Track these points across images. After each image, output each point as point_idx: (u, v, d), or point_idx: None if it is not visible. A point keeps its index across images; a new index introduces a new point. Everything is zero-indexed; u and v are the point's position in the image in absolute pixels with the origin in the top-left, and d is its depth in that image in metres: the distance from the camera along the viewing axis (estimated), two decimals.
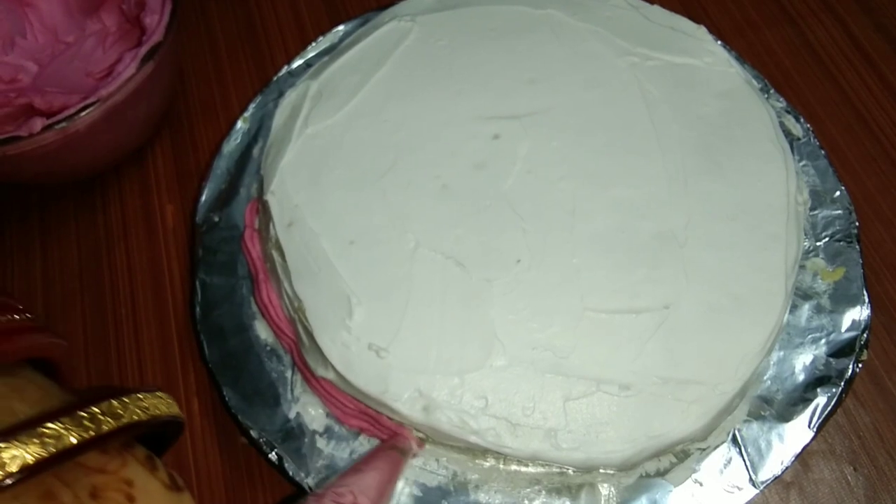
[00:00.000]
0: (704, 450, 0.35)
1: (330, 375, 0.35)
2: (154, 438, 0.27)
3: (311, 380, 0.37)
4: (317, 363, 0.35)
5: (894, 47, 0.49)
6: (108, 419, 0.22)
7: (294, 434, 0.36)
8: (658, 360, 0.34)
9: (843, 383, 0.36)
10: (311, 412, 0.37)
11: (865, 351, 0.37)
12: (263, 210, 0.40)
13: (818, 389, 0.36)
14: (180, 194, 0.46)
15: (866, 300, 0.38)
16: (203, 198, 0.43)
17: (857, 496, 0.36)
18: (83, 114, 0.37)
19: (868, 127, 0.46)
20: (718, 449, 0.35)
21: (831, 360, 0.37)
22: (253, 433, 0.36)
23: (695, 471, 0.35)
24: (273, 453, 0.36)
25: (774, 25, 0.50)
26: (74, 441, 0.21)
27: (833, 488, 0.36)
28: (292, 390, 0.37)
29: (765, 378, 0.36)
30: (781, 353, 0.37)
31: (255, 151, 0.44)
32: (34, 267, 0.44)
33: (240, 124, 0.45)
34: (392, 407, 0.33)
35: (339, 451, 0.36)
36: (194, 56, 0.51)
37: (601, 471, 0.34)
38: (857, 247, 0.39)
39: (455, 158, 0.39)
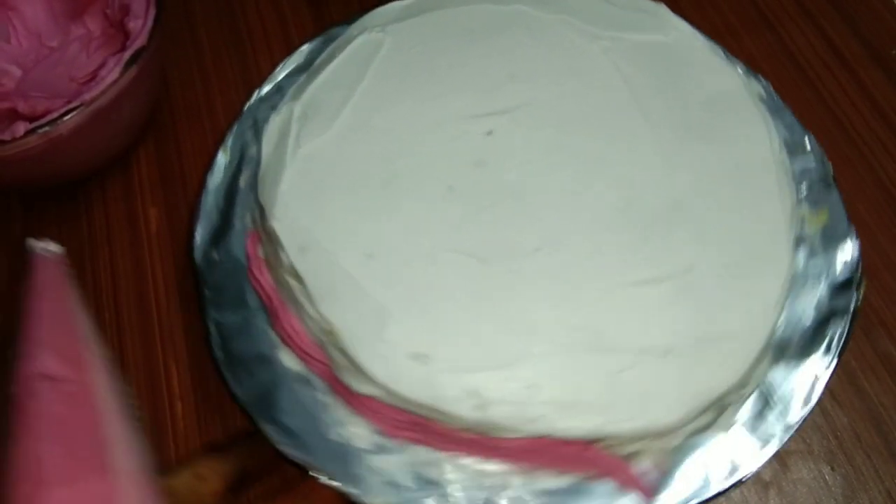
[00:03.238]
0: (739, 400, 0.37)
1: (374, 391, 0.35)
2: None
3: (351, 400, 0.36)
4: (358, 381, 0.35)
5: (871, 54, 0.50)
6: None
7: (345, 457, 0.35)
8: (690, 322, 0.35)
9: (850, 314, 0.38)
10: (356, 432, 0.36)
11: (863, 281, 0.40)
12: (269, 238, 0.39)
13: (830, 322, 0.38)
14: (164, 199, 0.45)
15: (854, 234, 0.40)
16: (197, 239, 0.42)
17: (834, 495, 0.37)
18: (66, 118, 0.37)
19: (845, 131, 0.47)
20: (750, 398, 0.37)
21: (834, 295, 0.39)
22: (305, 464, 0.35)
23: (733, 423, 0.36)
24: (333, 482, 0.35)
25: (754, 31, 0.51)
26: None
27: (811, 488, 0.37)
28: (332, 414, 0.37)
29: (779, 325, 0.38)
30: (788, 299, 0.39)
31: (242, 182, 0.43)
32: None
33: (220, 157, 0.44)
34: (444, 411, 0.33)
35: (395, 466, 0.35)
36: (179, 61, 0.50)
37: (648, 441, 0.35)
38: (835, 187, 0.42)
39: (454, 159, 0.39)
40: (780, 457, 0.37)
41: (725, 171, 0.39)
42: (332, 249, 0.37)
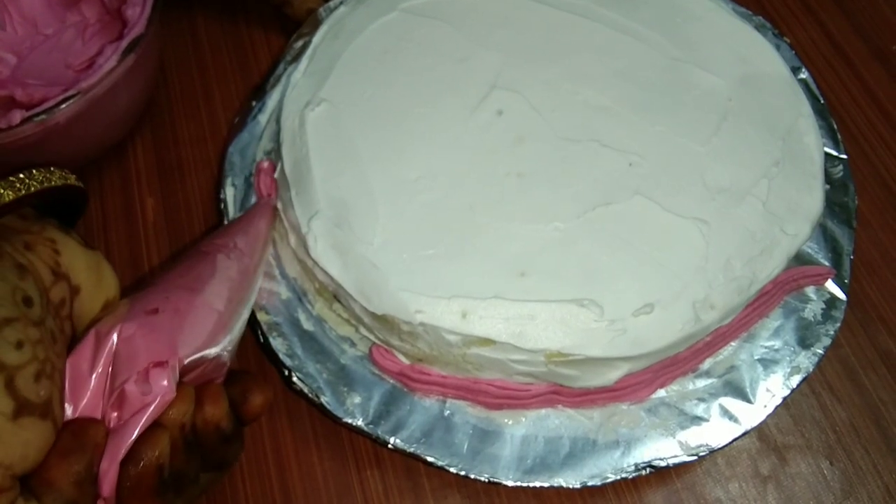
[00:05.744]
0: None
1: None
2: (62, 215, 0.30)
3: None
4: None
5: (872, 50, 0.51)
6: (34, 182, 0.27)
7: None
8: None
9: None
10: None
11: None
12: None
13: None
14: (161, 188, 0.45)
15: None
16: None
17: (832, 490, 0.37)
18: (63, 106, 0.37)
19: (846, 127, 0.47)
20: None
21: None
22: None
23: None
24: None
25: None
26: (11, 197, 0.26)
27: (809, 482, 0.37)
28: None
29: None
30: None
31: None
32: None
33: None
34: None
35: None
36: (176, 49, 0.50)
37: None
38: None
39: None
40: (778, 451, 0.37)
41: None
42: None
